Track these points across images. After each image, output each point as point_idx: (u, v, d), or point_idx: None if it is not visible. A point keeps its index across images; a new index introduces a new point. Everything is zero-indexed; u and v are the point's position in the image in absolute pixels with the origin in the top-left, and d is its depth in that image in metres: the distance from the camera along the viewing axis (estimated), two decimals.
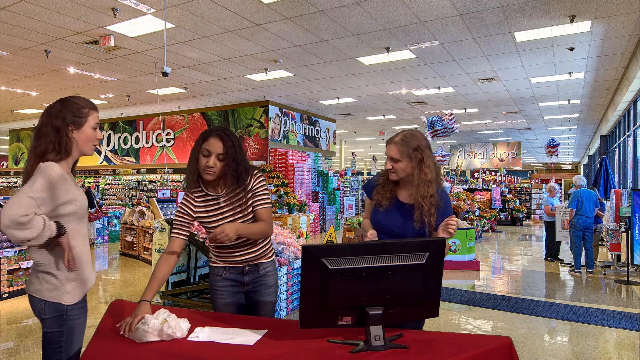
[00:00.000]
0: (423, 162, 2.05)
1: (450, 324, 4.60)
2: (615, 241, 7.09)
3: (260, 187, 2.11)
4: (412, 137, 2.08)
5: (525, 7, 5.79)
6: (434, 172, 2.06)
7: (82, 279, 1.86)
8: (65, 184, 1.77)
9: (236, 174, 2.03)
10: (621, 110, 10.62)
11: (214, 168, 2.00)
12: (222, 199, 2.08)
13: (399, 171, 2.07)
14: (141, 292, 5.72)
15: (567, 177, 29.06)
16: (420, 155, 2.05)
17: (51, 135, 1.81)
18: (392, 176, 2.11)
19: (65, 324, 1.79)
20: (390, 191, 2.15)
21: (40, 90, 10.99)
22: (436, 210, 2.04)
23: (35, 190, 1.68)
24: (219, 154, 2.00)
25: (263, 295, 2.17)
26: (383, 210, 2.14)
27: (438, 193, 2.06)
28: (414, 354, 1.47)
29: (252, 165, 2.14)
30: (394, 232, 2.11)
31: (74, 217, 1.82)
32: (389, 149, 2.10)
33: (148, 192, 14.40)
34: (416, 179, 2.04)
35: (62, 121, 1.82)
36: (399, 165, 2.06)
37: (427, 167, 2.05)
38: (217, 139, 2.01)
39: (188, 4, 5.76)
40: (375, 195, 2.18)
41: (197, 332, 1.72)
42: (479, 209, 12.32)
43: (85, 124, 1.88)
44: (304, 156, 12.53)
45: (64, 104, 1.86)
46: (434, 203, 2.03)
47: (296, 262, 4.71)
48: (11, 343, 3.96)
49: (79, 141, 1.87)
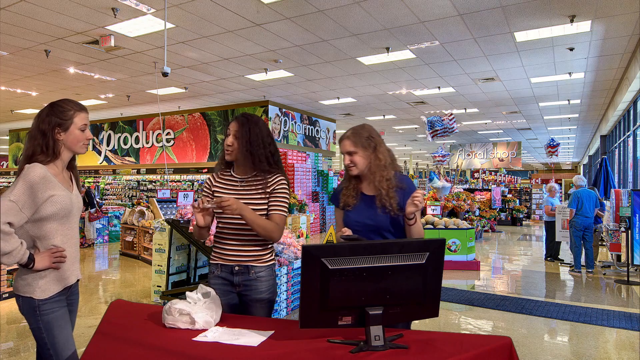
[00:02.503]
0: (377, 148, 2.16)
1: (450, 324, 4.60)
2: (615, 241, 7.09)
3: (281, 192, 2.16)
4: (361, 128, 2.20)
5: (525, 7, 5.79)
6: (388, 157, 2.18)
7: (58, 276, 1.92)
8: (47, 185, 1.83)
9: (250, 156, 2.12)
10: (621, 110, 10.62)
11: (231, 147, 2.15)
12: (242, 183, 2.18)
13: (358, 163, 2.15)
14: (141, 292, 5.74)
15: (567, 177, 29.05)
16: (374, 143, 2.16)
17: (38, 138, 1.89)
18: (352, 171, 2.18)
19: (40, 318, 1.85)
20: (354, 189, 2.22)
21: (40, 90, 10.99)
22: (397, 193, 2.12)
23: (15, 194, 1.76)
24: (235, 131, 2.15)
25: (253, 299, 2.15)
26: (351, 209, 2.20)
27: (397, 177, 2.16)
28: (414, 354, 1.47)
29: (280, 162, 2.23)
30: (367, 225, 2.14)
31: (55, 218, 1.88)
32: (342, 145, 2.19)
33: (148, 192, 14.41)
34: (373, 165, 2.14)
35: (48, 124, 1.90)
36: (356, 157, 2.15)
37: (381, 153, 2.16)
38: (235, 121, 2.17)
39: (188, 4, 5.77)
40: (341, 198, 2.24)
41: (207, 331, 1.72)
42: (479, 209, 12.32)
43: (72, 126, 1.94)
44: (304, 156, 12.53)
45: (51, 108, 1.94)
46: (391, 186, 2.12)
47: (296, 262, 4.71)
48: (11, 343, 3.96)
49: (66, 142, 1.94)
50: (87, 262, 8.04)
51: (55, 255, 1.88)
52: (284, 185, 2.17)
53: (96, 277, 6.85)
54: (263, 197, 2.14)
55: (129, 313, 1.92)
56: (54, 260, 1.87)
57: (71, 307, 2.05)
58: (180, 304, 1.77)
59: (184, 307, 1.76)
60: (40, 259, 1.84)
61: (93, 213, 9.68)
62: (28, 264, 1.81)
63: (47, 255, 1.86)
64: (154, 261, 5.34)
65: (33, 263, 1.82)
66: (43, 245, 1.88)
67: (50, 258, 1.86)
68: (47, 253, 1.87)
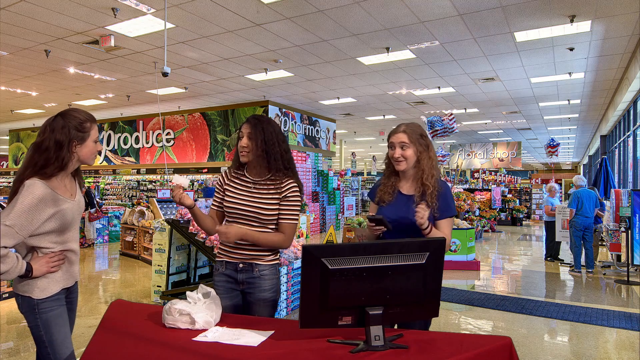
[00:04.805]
0: (429, 147, 2.19)
1: (450, 324, 4.60)
2: (615, 241, 7.09)
3: (292, 199, 2.16)
4: (415, 126, 2.21)
5: (525, 7, 5.79)
6: (436, 158, 2.21)
7: (58, 277, 1.92)
8: (48, 204, 1.81)
9: (266, 156, 2.13)
10: (621, 110, 10.62)
11: (246, 148, 2.15)
12: (256, 185, 2.18)
13: (409, 157, 2.14)
14: (141, 292, 5.74)
15: (567, 177, 29.06)
16: (426, 142, 2.18)
17: (52, 149, 1.83)
18: (400, 165, 2.16)
19: (39, 317, 1.85)
20: (392, 186, 2.22)
21: (40, 90, 10.99)
22: (437, 195, 2.13)
23: (12, 218, 1.72)
24: (249, 132, 2.16)
25: (256, 298, 2.15)
26: (385, 205, 2.20)
27: (439, 180, 2.19)
28: (414, 354, 1.47)
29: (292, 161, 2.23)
30: (397, 221, 2.13)
31: (56, 231, 1.88)
32: (396, 137, 2.16)
33: (148, 192, 14.41)
34: (425, 163, 2.14)
35: (66, 137, 1.84)
36: (408, 151, 2.14)
37: (432, 152, 2.20)
38: (247, 123, 2.18)
39: (188, 4, 5.77)
40: (378, 193, 2.24)
41: (207, 331, 1.72)
42: (479, 209, 12.32)
43: (89, 139, 1.91)
44: (304, 156, 12.53)
45: (66, 119, 1.87)
46: (436, 186, 2.13)
47: (296, 262, 4.71)
48: (11, 343, 3.96)
49: (80, 155, 1.91)
50: (87, 262, 8.04)
51: (53, 260, 1.87)
52: (296, 193, 2.17)
53: (96, 277, 6.85)
54: (275, 200, 2.14)
55: (129, 313, 1.92)
56: (52, 264, 1.87)
57: (70, 306, 2.06)
58: (180, 304, 1.77)
59: (184, 307, 1.76)
60: (38, 267, 1.84)
61: (93, 213, 9.67)
62: (26, 275, 1.81)
63: (45, 261, 1.86)
64: (154, 261, 5.34)
65: (31, 272, 1.82)
66: (42, 252, 1.88)
67: (49, 263, 1.86)
68: (44, 259, 1.86)
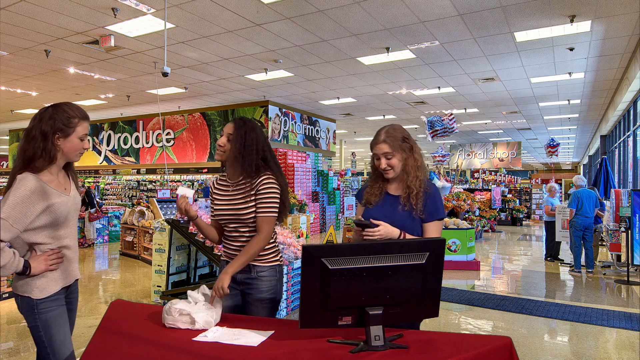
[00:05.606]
0: (413, 149, 2.12)
1: (450, 324, 4.60)
2: (615, 241, 7.09)
3: (264, 191, 2.12)
4: (394, 130, 2.12)
5: (525, 7, 5.79)
6: (422, 157, 2.15)
7: (57, 276, 1.91)
8: (41, 197, 1.80)
9: (241, 159, 2.13)
10: (621, 110, 10.62)
11: (223, 147, 2.17)
12: (232, 187, 2.20)
13: (395, 166, 2.09)
14: (141, 292, 5.74)
15: (567, 177, 29.05)
16: (409, 144, 2.12)
17: (39, 140, 1.84)
18: (389, 174, 2.11)
19: (39, 317, 1.85)
20: (379, 187, 2.18)
21: (40, 90, 10.99)
22: (424, 195, 2.07)
23: (5, 210, 1.72)
24: (229, 134, 2.16)
25: (254, 298, 2.15)
26: (372, 206, 2.16)
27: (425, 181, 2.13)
28: (414, 354, 1.47)
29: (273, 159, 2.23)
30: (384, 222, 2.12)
31: (51, 226, 1.87)
32: (378, 148, 2.10)
33: (148, 192, 14.42)
34: (410, 167, 2.09)
35: (50, 127, 1.85)
36: (393, 160, 2.08)
37: (417, 153, 2.13)
38: (232, 124, 2.19)
39: (188, 4, 5.77)
40: (365, 195, 2.20)
41: (207, 331, 1.72)
42: (479, 209, 12.32)
43: (73, 134, 1.90)
44: (304, 156, 12.53)
45: (54, 111, 1.88)
46: (421, 187, 2.08)
47: (296, 262, 4.71)
48: (11, 343, 3.96)
49: (63, 149, 1.90)
50: (87, 262, 8.04)
51: (51, 258, 1.87)
52: (269, 185, 2.14)
53: (96, 277, 6.85)
54: (251, 198, 2.14)
55: (129, 313, 1.92)
56: (51, 262, 1.86)
57: (70, 306, 2.05)
58: (180, 304, 1.77)
59: (184, 307, 1.76)
60: (37, 264, 1.83)
61: (93, 213, 9.68)
62: (24, 272, 1.80)
63: (43, 258, 1.85)
64: (154, 261, 5.34)
65: (29, 270, 1.81)
66: (40, 249, 1.87)
67: (47, 261, 1.85)
68: (43, 257, 1.85)
